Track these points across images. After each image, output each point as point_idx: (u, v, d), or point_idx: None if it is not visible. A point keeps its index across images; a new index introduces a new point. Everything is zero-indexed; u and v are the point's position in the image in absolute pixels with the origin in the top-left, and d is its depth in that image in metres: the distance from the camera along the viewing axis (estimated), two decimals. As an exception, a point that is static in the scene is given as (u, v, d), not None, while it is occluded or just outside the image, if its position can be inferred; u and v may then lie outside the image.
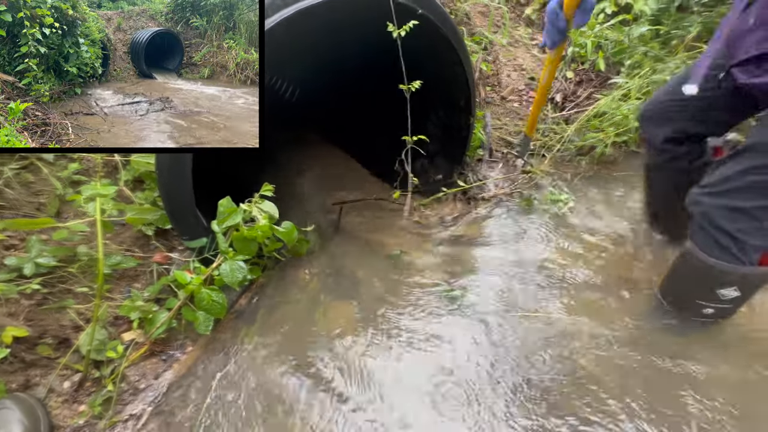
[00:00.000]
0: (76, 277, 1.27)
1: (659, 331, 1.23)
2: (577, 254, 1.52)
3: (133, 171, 1.42)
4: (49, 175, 1.34)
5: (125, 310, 1.21)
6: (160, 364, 1.24)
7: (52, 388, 1.14)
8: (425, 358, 1.21)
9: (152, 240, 1.43)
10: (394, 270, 1.53)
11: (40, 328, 1.18)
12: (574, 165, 1.96)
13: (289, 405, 1.12)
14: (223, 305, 1.22)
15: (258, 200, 1.24)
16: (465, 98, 1.71)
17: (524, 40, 2.35)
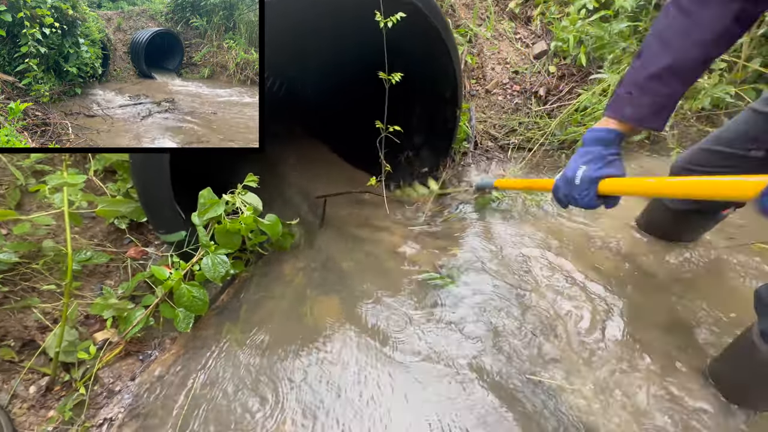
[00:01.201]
0: (41, 274, 1.18)
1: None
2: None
3: (104, 161, 1.33)
4: (8, 164, 1.23)
5: (97, 308, 1.13)
6: (137, 364, 1.18)
7: (16, 393, 1.05)
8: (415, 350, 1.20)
9: (126, 234, 1.35)
10: (378, 261, 1.51)
11: (1, 329, 1.09)
12: (554, 159, 1.99)
13: (273, 405, 1.08)
14: (204, 301, 1.17)
15: (241, 191, 1.18)
16: (452, 90, 1.69)
17: (508, 33, 2.35)
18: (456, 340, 1.22)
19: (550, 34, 2.32)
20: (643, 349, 1.18)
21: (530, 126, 2.07)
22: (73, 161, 1.33)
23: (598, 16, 2.10)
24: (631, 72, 0.86)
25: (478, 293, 1.35)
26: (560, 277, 1.39)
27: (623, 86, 0.87)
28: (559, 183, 0.95)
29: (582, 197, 0.89)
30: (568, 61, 2.22)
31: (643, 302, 1.31)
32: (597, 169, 0.87)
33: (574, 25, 2.12)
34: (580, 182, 0.88)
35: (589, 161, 0.88)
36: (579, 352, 1.17)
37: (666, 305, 1.30)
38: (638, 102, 0.85)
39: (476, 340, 1.21)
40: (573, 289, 1.35)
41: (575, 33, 2.12)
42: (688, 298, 1.31)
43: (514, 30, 2.39)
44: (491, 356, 1.17)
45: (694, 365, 1.14)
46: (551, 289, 1.35)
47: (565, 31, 2.15)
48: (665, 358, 1.16)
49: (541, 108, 2.14)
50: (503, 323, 1.26)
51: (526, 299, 1.33)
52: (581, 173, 0.88)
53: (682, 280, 1.37)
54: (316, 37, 1.74)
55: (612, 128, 0.89)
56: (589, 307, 1.29)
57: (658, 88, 0.82)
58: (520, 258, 1.48)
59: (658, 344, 1.19)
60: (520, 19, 2.44)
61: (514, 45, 2.34)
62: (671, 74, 0.81)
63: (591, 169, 0.88)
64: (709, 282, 1.36)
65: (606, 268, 1.42)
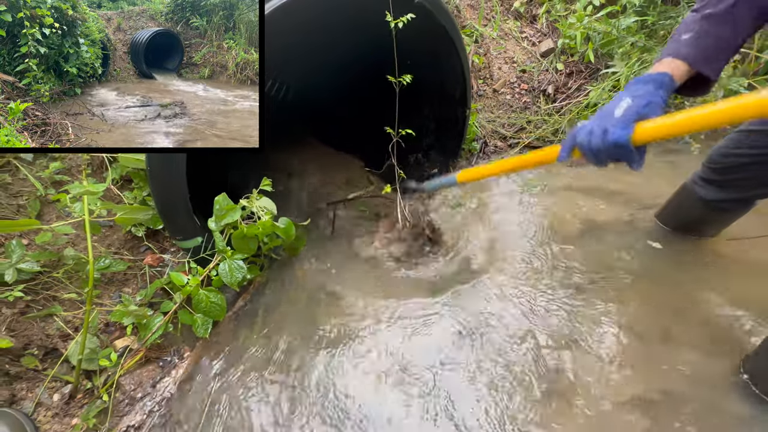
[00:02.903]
0: (62, 282, 1.20)
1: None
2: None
3: (121, 169, 1.35)
4: (29, 176, 1.26)
5: (117, 315, 1.14)
6: (157, 370, 1.18)
7: (41, 401, 1.06)
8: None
9: (143, 241, 1.36)
10: (387, 264, 1.50)
11: (24, 338, 1.11)
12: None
13: (294, 408, 1.08)
14: (222, 306, 1.17)
15: (256, 196, 1.19)
16: (460, 90, 1.69)
17: (514, 33, 2.35)
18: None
19: (557, 32, 2.31)
20: (674, 344, 1.15)
21: (539, 124, 2.06)
22: (91, 170, 1.35)
23: (605, 12, 2.09)
24: (689, 16, 0.84)
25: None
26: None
27: (678, 32, 0.83)
28: (585, 125, 0.83)
29: (615, 133, 0.76)
30: (575, 58, 2.21)
31: (669, 298, 1.28)
32: (644, 105, 0.77)
33: (581, 22, 2.11)
34: (623, 114, 0.77)
35: (636, 96, 0.78)
36: (600, 356, 1.16)
37: (694, 301, 1.27)
38: (695, 43, 0.80)
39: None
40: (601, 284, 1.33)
41: (582, 30, 2.11)
42: (718, 292, 1.28)
43: (520, 29, 2.39)
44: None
45: (729, 361, 1.10)
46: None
47: (572, 28, 2.15)
48: (698, 355, 1.13)
49: (549, 106, 2.13)
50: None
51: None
52: (626, 104, 0.78)
53: (710, 273, 1.33)
54: (322, 37, 1.75)
55: (665, 71, 0.81)
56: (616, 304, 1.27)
57: (715, 29, 0.79)
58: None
59: (690, 340, 1.16)
60: (526, 18, 2.44)
61: (520, 44, 2.34)
62: (726, 18, 0.78)
63: (637, 104, 0.77)
64: (740, 276, 1.33)
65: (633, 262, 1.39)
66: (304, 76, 2.08)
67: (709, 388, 1.06)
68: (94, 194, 1.00)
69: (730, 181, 1.21)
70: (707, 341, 1.16)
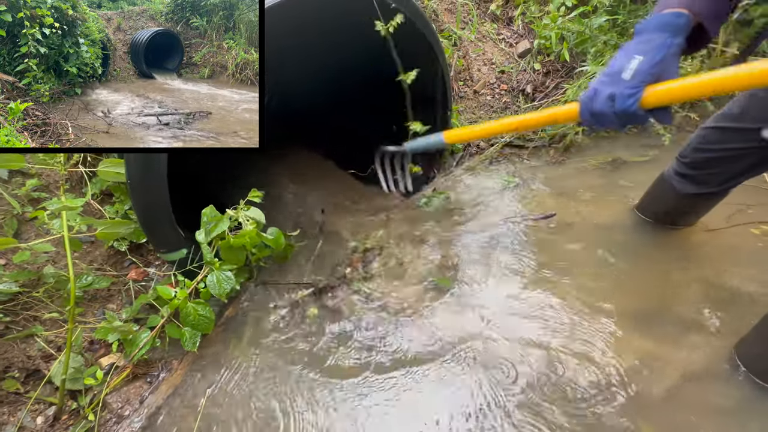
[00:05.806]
0: (42, 302, 1.17)
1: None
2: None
3: (101, 183, 1.32)
4: (4, 194, 1.22)
5: (102, 332, 1.12)
6: (145, 386, 1.16)
7: (23, 425, 1.03)
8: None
9: (126, 256, 1.34)
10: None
11: (4, 360, 1.08)
12: (543, 153, 2.01)
13: (284, 420, 1.07)
14: (210, 319, 1.16)
15: (244, 207, 1.18)
16: (441, 92, 1.72)
17: (491, 35, 2.40)
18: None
19: (533, 33, 2.37)
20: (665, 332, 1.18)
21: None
22: (69, 186, 1.32)
23: (577, 12, 2.15)
24: None
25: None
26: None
27: None
28: (590, 89, 0.74)
29: (626, 98, 0.67)
30: (551, 58, 2.26)
31: (658, 286, 1.31)
32: (656, 63, 0.66)
33: (555, 23, 2.17)
34: (633, 76, 0.67)
35: (647, 51, 0.67)
36: (594, 338, 1.18)
37: (682, 287, 1.30)
38: None
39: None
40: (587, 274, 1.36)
41: (557, 30, 2.16)
42: (704, 279, 1.32)
43: (497, 31, 2.44)
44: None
45: (721, 346, 1.13)
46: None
47: (546, 28, 2.20)
48: (690, 340, 1.16)
49: (529, 105, 2.17)
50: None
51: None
52: (636, 64, 0.67)
53: (695, 261, 1.37)
54: (305, 44, 1.75)
55: (682, 11, 0.69)
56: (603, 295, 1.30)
57: None
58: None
59: (680, 327, 1.19)
60: (502, 20, 2.49)
61: (498, 45, 2.38)
62: None
63: (649, 62, 0.66)
64: (722, 261, 1.37)
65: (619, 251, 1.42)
66: (287, 82, 2.08)
67: (702, 370, 1.10)
68: (72, 209, 0.98)
69: (703, 175, 1.25)
70: (696, 326, 1.19)
